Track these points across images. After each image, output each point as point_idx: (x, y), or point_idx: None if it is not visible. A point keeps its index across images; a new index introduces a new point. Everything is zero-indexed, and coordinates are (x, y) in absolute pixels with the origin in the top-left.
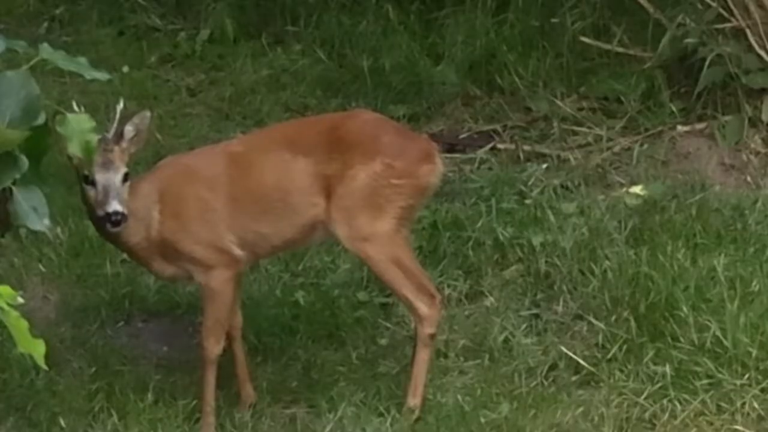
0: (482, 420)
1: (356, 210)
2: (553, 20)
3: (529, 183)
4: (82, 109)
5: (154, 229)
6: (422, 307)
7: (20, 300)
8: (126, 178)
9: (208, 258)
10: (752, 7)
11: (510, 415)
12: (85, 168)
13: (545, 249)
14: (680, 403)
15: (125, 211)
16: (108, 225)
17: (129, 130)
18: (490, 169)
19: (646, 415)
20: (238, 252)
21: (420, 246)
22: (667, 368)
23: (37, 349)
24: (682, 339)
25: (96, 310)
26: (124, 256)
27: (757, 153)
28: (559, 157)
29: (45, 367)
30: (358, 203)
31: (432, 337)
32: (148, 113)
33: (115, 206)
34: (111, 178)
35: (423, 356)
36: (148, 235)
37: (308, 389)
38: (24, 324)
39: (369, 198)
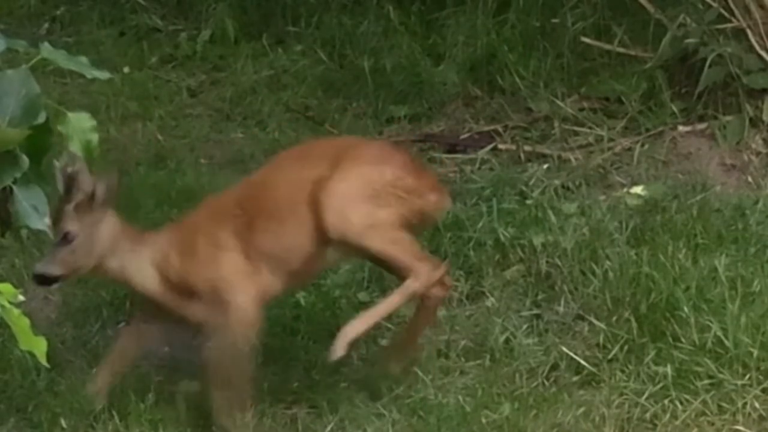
0: (483, 420)
1: (356, 202)
2: (554, 20)
3: (530, 183)
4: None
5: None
6: (422, 267)
7: (21, 298)
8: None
9: None
10: (753, 7)
11: (511, 415)
12: None
13: (546, 249)
14: (681, 403)
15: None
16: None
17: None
18: (491, 169)
19: (647, 415)
20: None
21: (421, 246)
22: (668, 368)
23: (39, 347)
24: (683, 339)
25: (97, 311)
26: None
27: (758, 153)
28: (560, 157)
29: (46, 364)
30: (359, 198)
31: (417, 294)
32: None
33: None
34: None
35: (396, 301)
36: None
37: (309, 390)
38: (25, 321)
39: (371, 194)
